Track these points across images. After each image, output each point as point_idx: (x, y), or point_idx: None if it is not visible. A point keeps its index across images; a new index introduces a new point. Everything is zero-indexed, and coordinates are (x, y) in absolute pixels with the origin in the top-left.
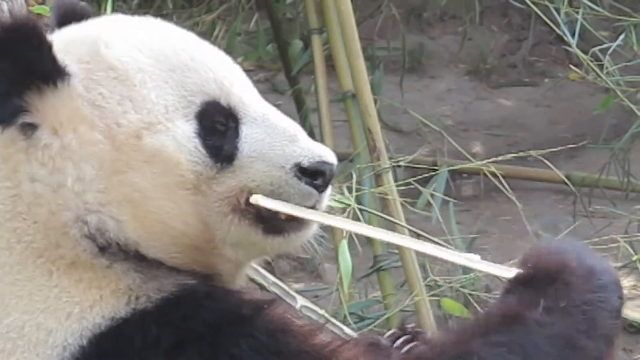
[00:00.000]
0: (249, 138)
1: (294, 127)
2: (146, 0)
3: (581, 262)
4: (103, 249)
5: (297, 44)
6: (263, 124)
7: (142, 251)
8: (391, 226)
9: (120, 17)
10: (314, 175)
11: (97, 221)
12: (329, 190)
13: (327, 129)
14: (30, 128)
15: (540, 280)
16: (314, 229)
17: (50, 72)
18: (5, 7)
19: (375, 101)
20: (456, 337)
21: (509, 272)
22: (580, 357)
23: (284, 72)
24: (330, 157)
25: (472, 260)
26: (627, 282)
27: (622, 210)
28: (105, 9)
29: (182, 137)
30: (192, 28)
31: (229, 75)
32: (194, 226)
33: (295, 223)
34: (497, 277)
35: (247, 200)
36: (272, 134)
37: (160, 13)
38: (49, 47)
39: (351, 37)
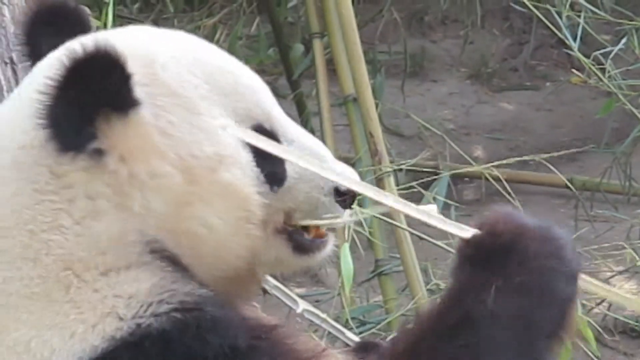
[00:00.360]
0: (292, 163)
1: (324, 150)
2: (147, 4)
3: (535, 224)
4: (154, 251)
5: (299, 48)
6: (300, 145)
7: (182, 264)
8: (392, 229)
9: (147, 30)
10: (344, 195)
11: (158, 237)
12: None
13: (328, 132)
14: (96, 152)
15: (495, 251)
16: (332, 245)
17: (127, 103)
18: (6, 12)
19: (377, 105)
20: (405, 345)
21: (465, 231)
22: (536, 332)
23: (285, 76)
24: (356, 177)
25: (430, 214)
26: (628, 286)
27: (624, 214)
28: (106, 13)
29: (247, 167)
30: (193, 32)
31: (268, 99)
32: (244, 259)
33: (320, 243)
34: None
35: (285, 220)
36: (309, 157)
37: (162, 17)
38: (129, 78)
39: (352, 41)
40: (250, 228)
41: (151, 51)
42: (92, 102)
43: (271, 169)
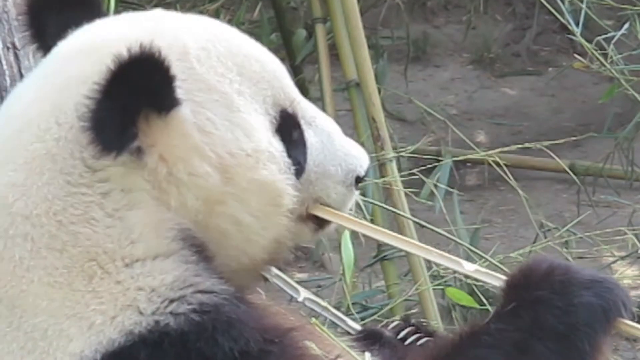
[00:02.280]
0: (313, 148)
1: (337, 130)
2: None
3: (549, 263)
4: (182, 239)
5: (301, 33)
6: (317, 129)
7: (207, 252)
8: (394, 216)
9: (168, 14)
10: (361, 180)
11: (190, 228)
12: None
13: (330, 118)
14: (136, 151)
15: (504, 289)
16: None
17: (169, 105)
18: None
19: (379, 90)
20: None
21: (497, 279)
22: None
23: (288, 61)
24: (367, 157)
25: (470, 270)
26: (631, 271)
27: (626, 199)
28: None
29: (280, 160)
30: None
31: (289, 80)
32: (267, 250)
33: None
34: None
35: (307, 208)
36: (328, 144)
37: (164, 2)
38: (172, 80)
39: (355, 26)
40: (280, 219)
41: (183, 42)
42: (136, 104)
43: (297, 158)
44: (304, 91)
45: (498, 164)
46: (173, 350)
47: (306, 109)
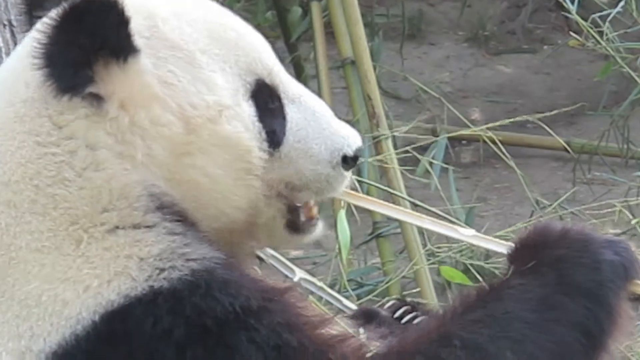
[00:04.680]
0: (293, 123)
1: (326, 109)
2: None
3: (562, 226)
4: (160, 207)
5: (297, 11)
6: (301, 107)
7: (192, 219)
8: (389, 195)
9: None
10: (352, 161)
11: (163, 188)
12: None
13: (326, 95)
14: (94, 98)
15: (517, 251)
16: (321, 230)
17: (124, 48)
18: None
19: (375, 68)
20: (438, 321)
21: (503, 247)
22: (561, 318)
23: (283, 39)
24: (360, 140)
25: (469, 235)
26: None
27: (622, 177)
28: None
29: (249, 121)
30: None
31: (270, 56)
32: (245, 211)
33: (311, 226)
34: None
35: (289, 191)
36: (312, 122)
37: None
38: (127, 22)
39: (350, 3)
40: (250, 179)
41: (153, 6)
42: (88, 43)
43: (271, 127)
44: (299, 69)
45: (493, 141)
46: (167, 305)
47: (290, 86)
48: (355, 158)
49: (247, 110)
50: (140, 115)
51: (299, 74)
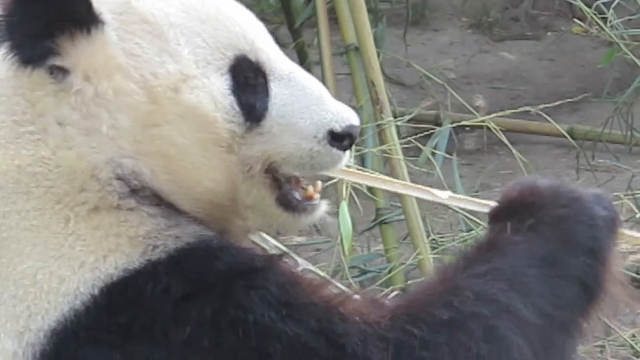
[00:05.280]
0: (278, 99)
1: (318, 87)
2: None
3: (550, 184)
4: (134, 191)
5: None
6: (289, 83)
7: (169, 199)
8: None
9: None
10: (342, 139)
11: (133, 165)
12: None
13: (330, 82)
14: (60, 72)
15: (509, 209)
16: (323, 211)
17: (84, 18)
18: None
19: (378, 54)
20: (441, 276)
21: (486, 206)
22: (563, 273)
23: (287, 25)
24: (355, 119)
25: (450, 197)
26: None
27: (625, 164)
28: None
29: (218, 93)
30: None
31: (255, 32)
32: (222, 184)
33: (309, 206)
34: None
35: (268, 167)
36: (300, 97)
37: None
38: None
39: None
40: (217, 152)
41: None
42: (47, 14)
43: (249, 101)
44: (303, 55)
45: (496, 128)
46: (166, 269)
47: (278, 63)
48: (348, 136)
49: (218, 82)
50: (104, 85)
51: (302, 60)
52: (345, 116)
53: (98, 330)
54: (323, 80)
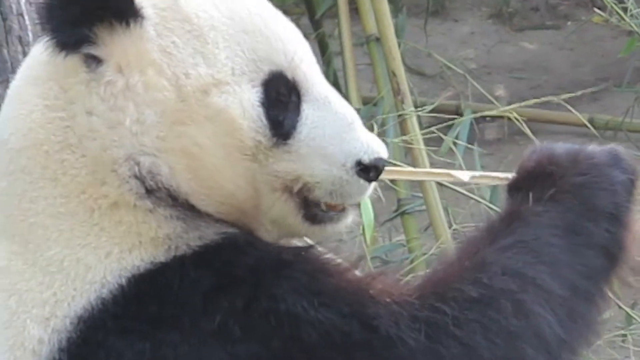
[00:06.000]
0: (309, 121)
1: (351, 114)
2: None
3: (567, 150)
4: (150, 192)
5: None
6: (324, 107)
7: (190, 201)
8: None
9: None
10: (369, 170)
11: (151, 164)
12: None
13: (350, 72)
14: (95, 61)
15: (529, 179)
16: (349, 221)
17: (125, 11)
18: None
19: (399, 44)
20: (465, 251)
21: (505, 179)
22: (587, 242)
23: (308, 16)
24: (384, 151)
25: (466, 177)
26: None
27: None
28: None
29: (247, 102)
30: None
31: (298, 50)
32: (244, 190)
33: (335, 215)
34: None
35: (301, 188)
36: (332, 122)
37: None
38: None
39: None
40: (240, 158)
41: None
42: (90, 2)
43: (277, 117)
44: (324, 46)
45: (517, 118)
46: (194, 262)
47: (315, 85)
48: (374, 168)
49: (248, 93)
50: (135, 79)
51: (323, 50)
52: (374, 148)
53: (127, 319)
54: (344, 70)
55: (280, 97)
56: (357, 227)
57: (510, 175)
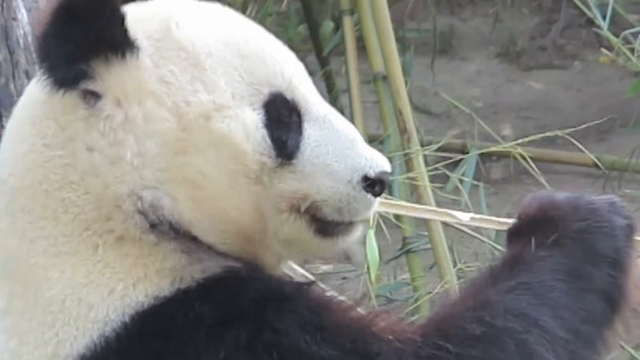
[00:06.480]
0: (312, 140)
1: (352, 131)
2: None
3: (568, 197)
4: (154, 226)
5: (328, 25)
6: (325, 125)
7: (193, 232)
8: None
9: (187, 1)
10: (375, 184)
11: (152, 197)
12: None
13: (357, 110)
14: (93, 96)
15: (531, 225)
16: (359, 233)
17: (119, 43)
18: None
19: (406, 83)
20: (468, 292)
21: (505, 224)
22: (589, 287)
23: (315, 53)
24: (388, 165)
25: (471, 219)
26: None
27: None
28: None
29: (251, 125)
30: None
31: (295, 71)
32: (249, 215)
33: (345, 227)
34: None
35: (308, 207)
36: (334, 140)
37: None
38: (121, 17)
39: (382, 18)
40: (245, 182)
41: (172, 13)
42: (82, 37)
43: (281, 137)
44: (331, 83)
45: (523, 157)
46: (198, 297)
47: (314, 104)
48: (379, 182)
49: (251, 115)
50: (134, 111)
51: (330, 88)
52: (378, 162)
53: (130, 357)
54: (351, 108)
55: (282, 118)
56: (361, 266)
57: (510, 221)
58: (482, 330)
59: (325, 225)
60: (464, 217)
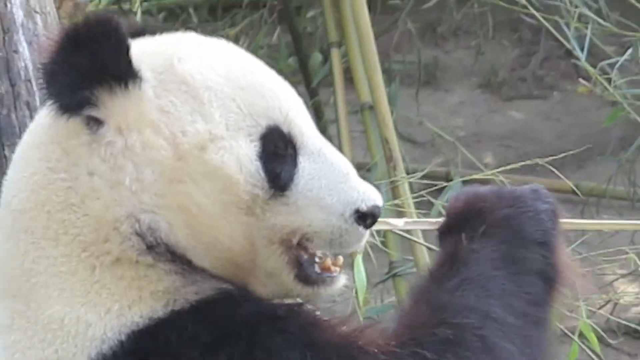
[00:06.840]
0: (306, 172)
1: (346, 165)
2: (172, 13)
3: (492, 189)
4: (150, 247)
5: (317, 57)
6: (319, 159)
7: (187, 255)
8: (405, 238)
9: (193, 35)
10: (366, 218)
11: (150, 220)
12: None
13: (345, 139)
14: (96, 123)
15: (459, 220)
16: (342, 283)
17: (123, 73)
18: (39, 20)
19: (392, 113)
20: (418, 298)
21: (436, 223)
22: (525, 269)
23: (304, 84)
24: (380, 199)
25: (405, 223)
26: (632, 289)
27: (629, 219)
28: None
29: (245, 157)
30: None
31: (292, 106)
32: (241, 245)
33: (328, 278)
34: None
35: (300, 240)
36: (328, 173)
37: (186, 26)
38: (126, 48)
39: (369, 50)
40: (237, 213)
41: (177, 48)
42: (87, 65)
43: (275, 169)
44: (320, 113)
45: (503, 182)
46: (192, 318)
47: (310, 138)
48: (371, 215)
49: (246, 147)
50: (133, 138)
51: (319, 118)
52: (371, 196)
53: None
54: (339, 137)
55: (278, 150)
56: (349, 289)
57: (441, 220)
58: (448, 332)
59: (308, 273)
60: (399, 222)
